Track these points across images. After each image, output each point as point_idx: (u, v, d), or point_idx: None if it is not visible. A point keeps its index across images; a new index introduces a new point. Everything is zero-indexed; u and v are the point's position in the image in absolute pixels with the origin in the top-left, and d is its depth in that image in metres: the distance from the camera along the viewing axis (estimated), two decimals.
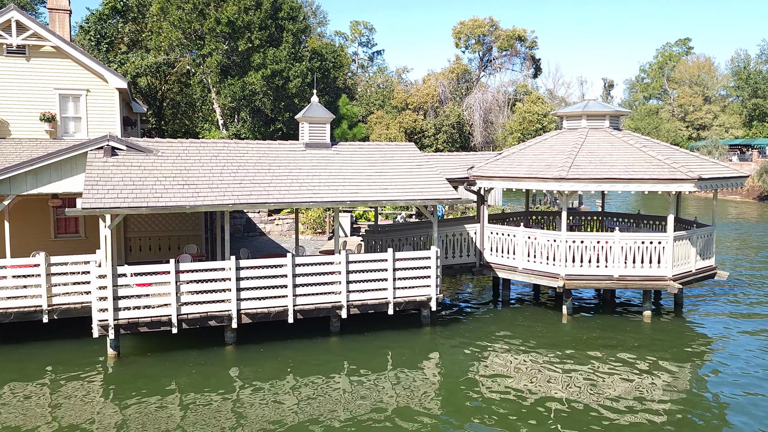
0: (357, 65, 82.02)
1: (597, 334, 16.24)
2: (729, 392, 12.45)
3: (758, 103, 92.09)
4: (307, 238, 29.15)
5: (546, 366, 13.92)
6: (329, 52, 46.22)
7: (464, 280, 22.93)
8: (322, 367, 13.72)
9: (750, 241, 33.73)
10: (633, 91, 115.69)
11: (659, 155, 17.61)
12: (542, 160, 18.35)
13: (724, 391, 12.49)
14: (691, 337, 16.24)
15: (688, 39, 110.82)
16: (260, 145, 17.63)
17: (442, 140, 60.27)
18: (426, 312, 16.85)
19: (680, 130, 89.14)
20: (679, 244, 17.39)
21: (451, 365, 14.03)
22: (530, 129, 56.78)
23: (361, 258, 15.95)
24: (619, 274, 17.17)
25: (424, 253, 16.44)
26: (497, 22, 68.49)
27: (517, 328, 16.88)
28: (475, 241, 19.59)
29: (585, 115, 19.91)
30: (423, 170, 17.79)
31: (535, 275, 18.00)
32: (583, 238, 17.44)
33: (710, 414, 11.48)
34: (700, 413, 11.51)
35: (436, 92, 61.84)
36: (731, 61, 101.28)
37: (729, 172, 18.62)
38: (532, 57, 71.49)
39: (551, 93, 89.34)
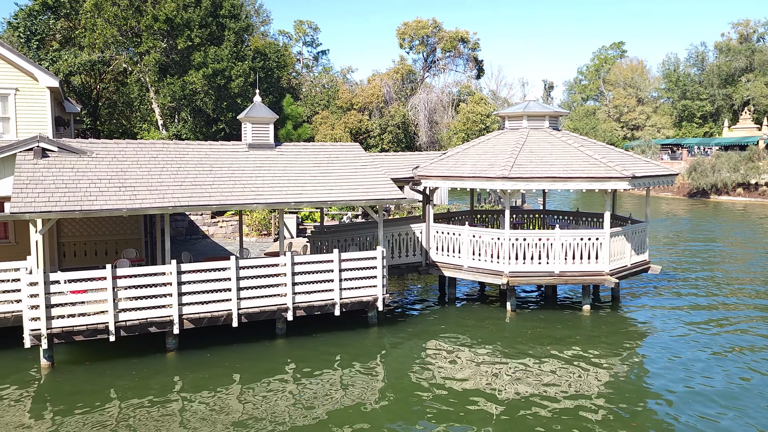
0: (301, 65, 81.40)
1: (540, 329, 16.62)
2: (662, 383, 12.95)
3: (687, 104, 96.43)
4: (252, 240, 28.71)
5: (491, 362, 14.14)
6: (273, 52, 45.64)
7: (411, 280, 23.07)
8: (268, 371, 13.52)
9: (680, 236, 35.26)
10: (572, 93, 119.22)
11: (596, 154, 18.17)
12: (485, 159, 18.64)
13: (658, 382, 12.98)
14: (628, 329, 16.84)
15: (622, 43, 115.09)
16: (201, 146, 17.24)
17: (388, 140, 60.53)
18: (373, 312, 16.85)
19: (616, 130, 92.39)
20: (615, 240, 17.99)
21: (399, 364, 14.08)
22: (474, 129, 57.72)
23: (307, 259, 15.82)
24: (559, 270, 17.62)
25: (370, 253, 16.44)
26: (440, 23, 69.34)
27: (463, 325, 17.09)
28: (421, 240, 19.73)
29: (526, 115, 20.34)
30: (368, 170, 17.79)
31: (480, 273, 18.28)
32: (526, 236, 17.82)
33: (642, 404, 11.91)
34: (633, 403, 11.93)
35: (381, 92, 62.06)
36: (662, 65, 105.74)
37: (660, 170, 19.39)
38: (475, 58, 72.66)
39: (494, 94, 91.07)
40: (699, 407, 11.70)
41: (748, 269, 25.03)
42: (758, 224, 41.61)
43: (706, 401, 11.95)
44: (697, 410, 11.57)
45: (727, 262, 26.90)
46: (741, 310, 18.65)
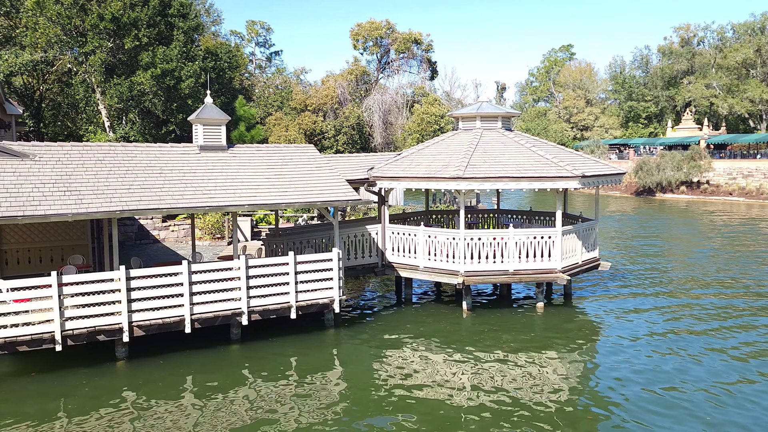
0: (254, 66, 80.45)
1: (495, 327, 16.82)
2: (614, 376, 13.27)
3: (633, 105, 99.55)
4: (205, 244, 28.16)
5: (449, 361, 14.23)
6: (224, 52, 44.92)
7: (367, 281, 23.03)
8: (223, 377, 13.26)
9: (629, 233, 36.32)
10: (523, 94, 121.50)
11: (547, 154, 18.52)
12: (440, 160, 18.77)
13: (610, 376, 13.30)
14: (580, 325, 17.21)
15: (570, 45, 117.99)
16: (150, 148, 16.80)
17: (343, 141, 60.39)
18: (330, 314, 16.74)
19: (566, 131, 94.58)
20: (567, 238, 18.37)
21: (357, 366, 14.02)
22: (428, 130, 58.16)
23: (262, 262, 15.60)
24: (514, 268, 17.88)
25: (326, 255, 16.33)
26: (394, 25, 69.57)
27: (420, 325, 17.16)
28: (377, 241, 19.72)
29: (479, 116, 20.58)
30: (323, 172, 17.67)
31: (436, 273, 18.39)
32: (481, 236, 18.01)
33: (596, 398, 12.19)
34: (587, 397, 12.19)
35: (335, 93, 61.86)
36: (609, 67, 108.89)
37: (609, 169, 19.90)
38: (428, 60, 73.20)
39: (448, 95, 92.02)
40: (649, 400, 12.02)
41: (693, 264, 25.94)
42: (700, 221, 43.21)
43: (655, 394, 12.30)
44: (647, 403, 11.89)
45: (672, 257, 27.83)
46: (687, 304, 19.29)
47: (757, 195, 59.02)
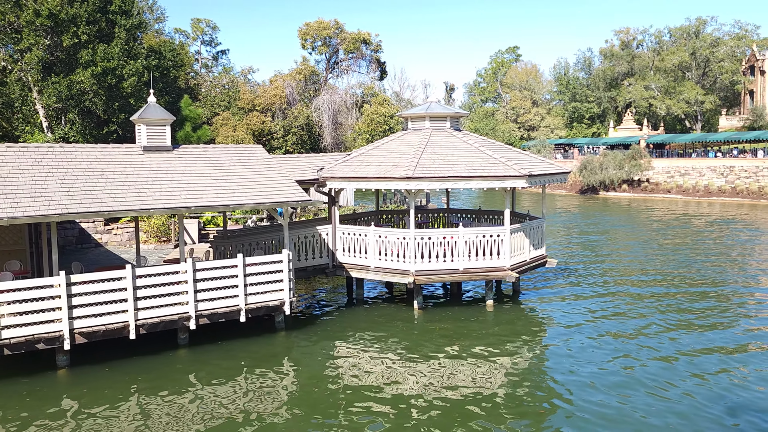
0: (200, 65, 78.88)
1: (447, 325, 16.97)
2: (562, 371, 13.58)
3: (577, 106, 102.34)
4: (150, 248, 27.40)
5: (401, 360, 14.26)
6: (168, 50, 43.84)
7: (318, 282, 22.88)
8: (170, 384, 12.92)
9: (574, 230, 37.30)
10: (471, 95, 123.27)
11: (495, 154, 18.80)
12: (390, 160, 18.80)
13: (559, 371, 13.61)
14: (529, 321, 17.55)
15: (516, 47, 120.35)
16: (91, 149, 16.22)
17: (292, 142, 59.84)
18: (280, 316, 16.54)
19: (513, 131, 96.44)
20: (515, 236, 18.69)
21: (308, 368, 13.89)
22: (378, 130, 58.27)
23: (210, 265, 15.28)
24: (464, 267, 18.08)
25: (276, 256, 16.13)
26: (343, 24, 69.41)
27: (372, 326, 17.14)
28: (328, 242, 19.61)
29: (428, 116, 20.72)
30: (272, 173, 17.45)
31: (387, 273, 18.41)
32: (431, 235, 18.13)
33: (545, 393, 12.44)
34: (537, 393, 12.43)
35: (283, 93, 61.23)
36: (554, 68, 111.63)
37: (555, 168, 20.37)
38: (377, 60, 73.32)
39: (398, 95, 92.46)
40: (596, 394, 12.34)
41: (635, 259, 26.83)
42: (641, 218, 44.78)
43: (603, 387, 12.63)
44: (594, 397, 12.20)
45: (616, 253, 28.71)
46: (631, 298, 19.92)
47: (693, 192, 61.56)
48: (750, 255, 28.03)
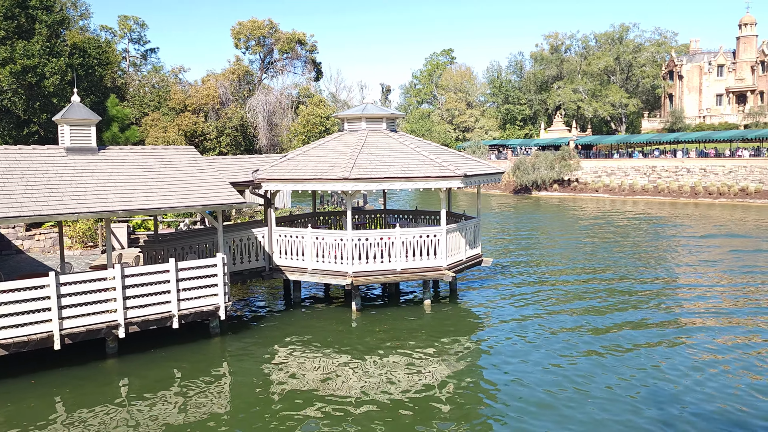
0: (128, 63, 76.12)
1: (384, 326, 16.99)
2: (500, 370, 13.84)
3: (510, 108, 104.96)
4: (76, 254, 26.19)
5: (339, 363, 14.17)
6: (93, 48, 41.99)
7: (255, 285, 22.47)
8: (98, 395, 12.36)
9: (508, 229, 38.19)
10: (408, 96, 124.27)
11: (431, 155, 18.99)
12: (326, 161, 18.68)
13: (496, 369, 13.86)
14: (466, 320, 17.81)
15: (451, 50, 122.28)
16: (9, 151, 15.35)
17: (226, 143, 58.57)
18: (215, 322, 16.13)
19: (449, 132, 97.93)
20: (451, 236, 18.94)
21: (245, 374, 13.60)
22: (314, 131, 57.86)
23: (139, 271, 14.74)
24: (401, 267, 18.16)
25: (210, 260, 15.72)
26: (277, 24, 68.53)
27: (309, 328, 16.97)
28: (264, 244, 19.29)
29: (364, 117, 20.71)
30: (205, 175, 17.00)
31: (325, 275, 18.28)
32: (368, 236, 18.12)
33: (483, 391, 12.65)
34: (475, 391, 12.62)
35: (216, 93, 59.83)
36: (487, 71, 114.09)
37: (489, 169, 20.76)
38: (313, 60, 72.80)
39: (334, 96, 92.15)
40: (534, 392, 12.63)
41: (566, 257, 27.70)
42: (571, 216, 46.34)
43: (536, 383, 12.94)
44: (531, 395, 12.48)
45: (548, 251, 29.57)
46: (563, 294, 20.54)
47: (619, 191, 64.23)
48: (670, 250, 29.45)
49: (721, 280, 22.61)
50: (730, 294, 20.36)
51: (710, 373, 13.16)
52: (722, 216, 44.67)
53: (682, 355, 14.35)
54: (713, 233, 35.21)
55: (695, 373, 13.16)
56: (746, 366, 13.57)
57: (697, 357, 14.19)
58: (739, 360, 13.96)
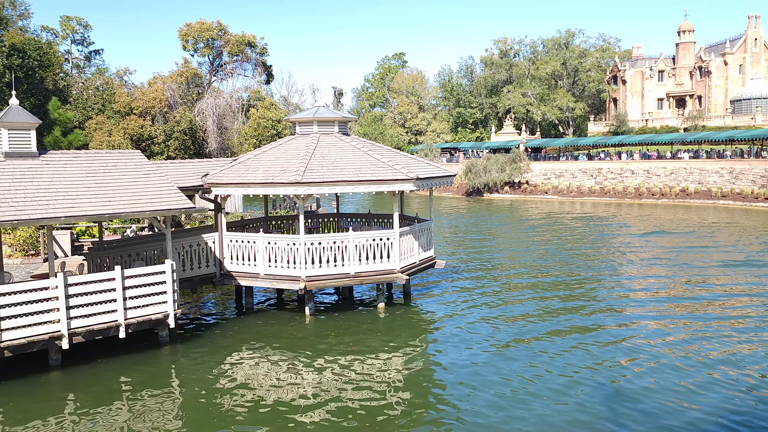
0: (71, 65, 73.71)
1: (338, 330, 16.91)
2: (454, 371, 13.95)
3: (461, 111, 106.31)
4: (16, 262, 25.13)
5: (293, 368, 14.01)
6: (34, 49, 40.55)
7: (206, 292, 22.03)
8: (40, 410, 11.86)
9: (461, 231, 38.62)
10: (360, 99, 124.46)
11: (383, 158, 19.02)
12: (278, 165, 18.48)
13: (451, 370, 13.96)
14: (420, 323, 17.89)
15: (402, 53, 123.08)
16: None
17: (174, 147, 57.33)
18: (164, 331, 15.72)
19: (402, 135, 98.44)
20: (405, 239, 19.00)
21: (197, 383, 13.28)
22: (266, 135, 57.22)
23: (84, 279, 14.23)
24: (354, 271, 18.11)
25: (158, 267, 15.33)
26: (226, 26, 67.59)
27: (262, 334, 16.74)
28: (215, 250, 18.93)
29: (316, 121, 20.59)
30: (152, 180, 16.57)
31: (277, 280, 18.07)
32: (321, 240, 18.01)
33: (438, 393, 12.72)
34: (430, 393, 12.68)
35: (164, 96, 58.49)
36: (438, 75, 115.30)
37: (441, 171, 20.94)
38: (263, 63, 72.08)
39: (286, 100, 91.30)
40: (487, 393, 12.77)
41: (518, 258, 28.19)
42: (521, 217, 47.20)
43: (488, 385, 13.09)
44: (485, 396, 12.61)
45: (499, 252, 30.02)
46: (516, 296, 20.87)
47: (567, 193, 65.83)
48: (615, 250, 30.33)
49: (661, 277, 23.40)
50: (672, 290, 21.10)
51: (650, 368, 13.58)
52: (664, 216, 46.31)
53: (623, 350, 14.77)
54: (655, 231, 36.45)
55: (633, 366, 13.57)
56: (686, 360, 14.06)
57: (639, 353, 14.63)
58: (680, 354, 14.45)
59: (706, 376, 13.09)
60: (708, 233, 35.59)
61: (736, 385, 12.54)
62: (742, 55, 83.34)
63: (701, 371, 13.34)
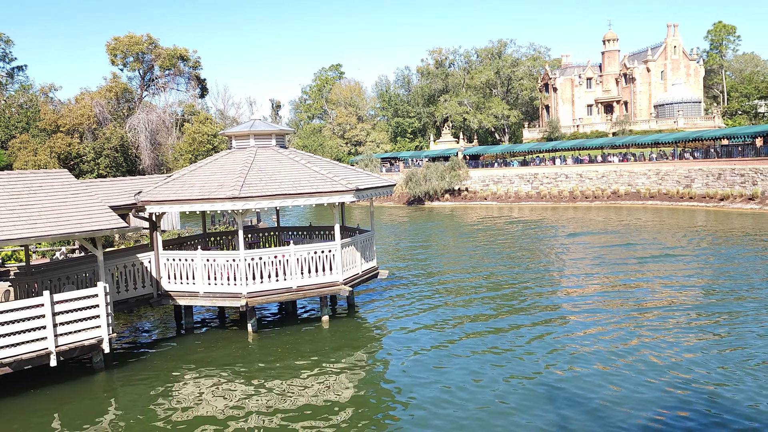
0: None
1: (283, 346, 16.63)
2: (402, 380, 13.93)
3: (399, 121, 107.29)
4: None
5: (238, 388, 13.66)
6: None
7: (143, 314, 21.27)
8: None
9: (403, 240, 38.81)
10: (298, 112, 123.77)
11: (322, 170, 18.91)
12: (214, 180, 18.09)
13: (399, 380, 13.93)
14: (364, 335, 17.81)
15: (339, 65, 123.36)
16: None
17: (105, 165, 55.31)
18: (99, 356, 15.05)
19: (341, 146, 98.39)
20: (346, 250, 18.92)
21: (134, 408, 12.74)
22: (201, 150, 56.02)
23: (9, 307, 13.47)
24: (297, 285, 17.89)
25: (90, 290, 14.68)
26: (156, 40, 65.89)
27: (203, 355, 16.27)
28: (151, 270, 18.31)
29: (252, 134, 20.30)
30: (81, 199, 15.89)
31: (218, 298, 17.64)
32: (262, 255, 17.71)
33: (387, 404, 12.66)
34: (380, 404, 12.61)
35: (92, 113, 56.39)
36: (375, 86, 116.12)
37: (381, 182, 20.99)
38: (197, 77, 70.66)
39: (222, 113, 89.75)
40: (435, 402, 12.79)
41: (460, 264, 28.53)
42: (461, 224, 47.90)
43: (437, 393, 13.14)
44: (434, 406, 12.63)
45: (441, 259, 30.32)
46: (459, 301, 21.08)
47: (506, 198, 67.31)
48: (552, 251, 31.16)
49: (594, 275, 24.17)
50: (604, 286, 21.81)
51: (585, 370, 13.97)
52: (597, 217, 47.96)
53: (562, 350, 15.14)
54: (588, 232, 37.70)
55: (571, 364, 13.94)
56: (620, 358, 14.54)
57: (575, 353, 15.03)
58: (612, 352, 14.93)
59: (637, 367, 13.55)
60: (635, 231, 37.08)
61: (664, 374, 13.04)
62: (663, 62, 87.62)
63: (630, 364, 13.82)
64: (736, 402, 11.75)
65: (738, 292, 20.35)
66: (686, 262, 26.53)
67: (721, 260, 26.51)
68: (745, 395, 12.01)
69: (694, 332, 16.22)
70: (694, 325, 16.84)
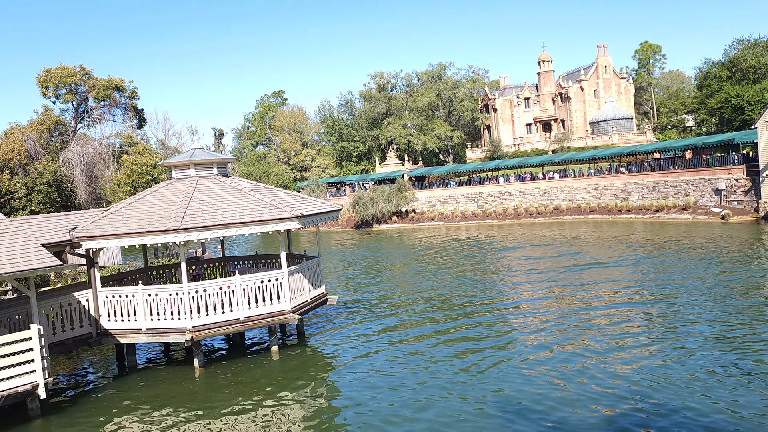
0: None
1: (232, 379, 16.16)
2: (356, 408, 13.71)
3: (344, 145, 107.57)
4: None
5: (184, 425, 13.14)
6: None
7: (82, 355, 20.32)
8: None
9: (351, 265, 38.63)
10: (241, 139, 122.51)
11: (266, 198, 18.67)
12: (154, 212, 17.59)
13: (352, 408, 13.71)
14: (316, 362, 17.51)
15: (282, 91, 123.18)
16: None
17: (38, 201, 53.10)
18: (34, 402, 14.24)
19: (287, 173, 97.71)
20: (294, 277, 18.65)
21: None
22: (141, 181, 54.53)
23: None
24: (244, 315, 17.48)
25: (23, 334, 13.93)
26: (90, 71, 64.28)
27: (148, 394, 15.63)
28: (89, 308, 17.56)
29: (193, 164, 19.91)
30: (10, 238, 15.13)
31: (161, 334, 17.04)
32: (206, 287, 17.25)
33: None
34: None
35: (23, 147, 54.26)
36: (319, 111, 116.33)
37: (326, 207, 20.84)
38: (134, 107, 69.17)
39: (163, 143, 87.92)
40: (386, 427, 12.63)
41: (409, 286, 28.54)
42: (409, 246, 48.09)
43: (391, 419, 12.98)
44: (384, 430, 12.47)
45: (392, 282, 30.27)
46: (410, 325, 21.02)
47: (453, 218, 68.11)
48: (499, 267, 31.61)
49: (541, 289, 24.61)
50: (553, 299, 22.22)
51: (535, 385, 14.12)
52: (540, 233, 49.04)
53: (516, 367, 15.28)
54: (532, 245, 38.46)
55: (532, 378, 14.08)
56: (571, 369, 14.77)
57: (534, 365, 15.19)
58: (564, 363, 15.16)
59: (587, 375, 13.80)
60: (576, 244, 38.07)
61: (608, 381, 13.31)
62: (595, 80, 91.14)
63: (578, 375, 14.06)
64: (666, 400, 12.07)
65: (674, 294, 21.08)
66: (622, 270, 27.35)
67: (653, 266, 27.46)
68: (672, 392, 12.35)
69: (624, 333, 16.65)
70: (632, 325, 17.30)
